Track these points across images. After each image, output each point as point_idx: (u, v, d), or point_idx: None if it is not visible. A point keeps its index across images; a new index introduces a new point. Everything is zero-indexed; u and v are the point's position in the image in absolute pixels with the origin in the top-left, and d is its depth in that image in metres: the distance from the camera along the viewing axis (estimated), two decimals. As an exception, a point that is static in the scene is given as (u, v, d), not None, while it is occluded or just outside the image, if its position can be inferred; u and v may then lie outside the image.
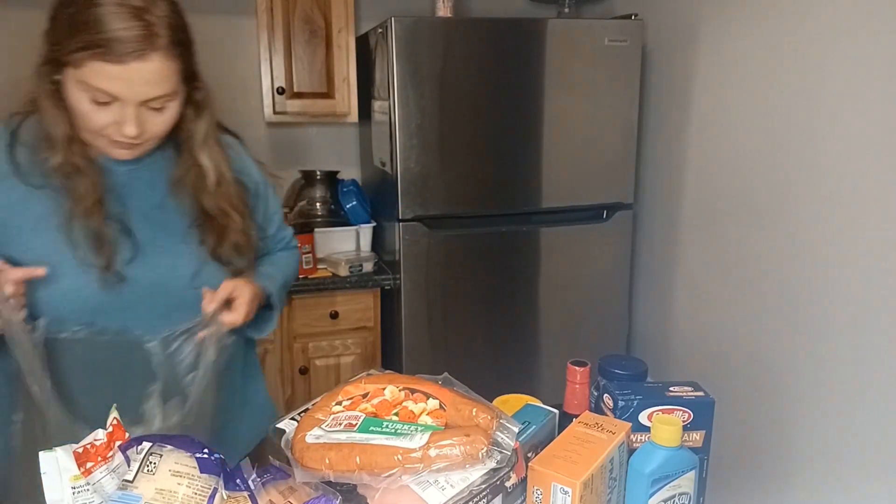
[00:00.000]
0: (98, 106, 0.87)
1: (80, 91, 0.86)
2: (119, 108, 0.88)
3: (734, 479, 1.89)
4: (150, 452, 0.71)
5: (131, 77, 0.85)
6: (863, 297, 1.52)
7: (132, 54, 0.84)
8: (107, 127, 0.89)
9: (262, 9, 2.12)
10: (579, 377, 0.91)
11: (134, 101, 0.87)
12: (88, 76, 0.84)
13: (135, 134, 0.89)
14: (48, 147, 0.92)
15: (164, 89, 0.89)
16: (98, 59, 0.83)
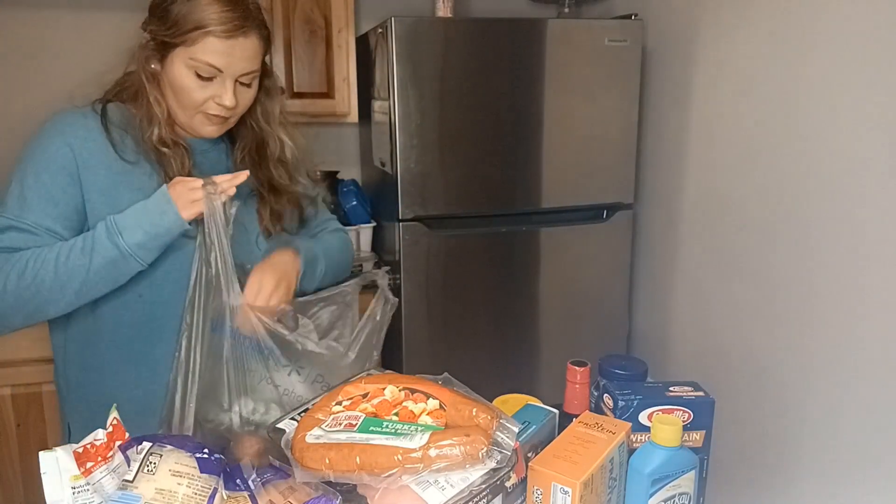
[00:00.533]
0: (201, 81, 1.03)
1: (188, 68, 1.02)
2: (219, 83, 1.04)
3: (734, 479, 1.89)
4: (150, 452, 0.71)
5: (234, 52, 1.02)
6: (863, 297, 1.52)
7: (237, 31, 1.01)
8: (206, 101, 1.05)
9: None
10: (579, 377, 0.91)
11: (233, 75, 1.04)
12: (199, 52, 1.00)
13: (232, 104, 1.05)
14: (148, 125, 1.06)
15: (256, 65, 1.06)
16: (212, 35, 1.00)
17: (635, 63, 2.13)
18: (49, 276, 0.97)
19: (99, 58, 1.07)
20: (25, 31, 2.20)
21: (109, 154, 1.05)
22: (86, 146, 1.04)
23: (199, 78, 1.03)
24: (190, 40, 1.00)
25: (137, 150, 1.07)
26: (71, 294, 0.99)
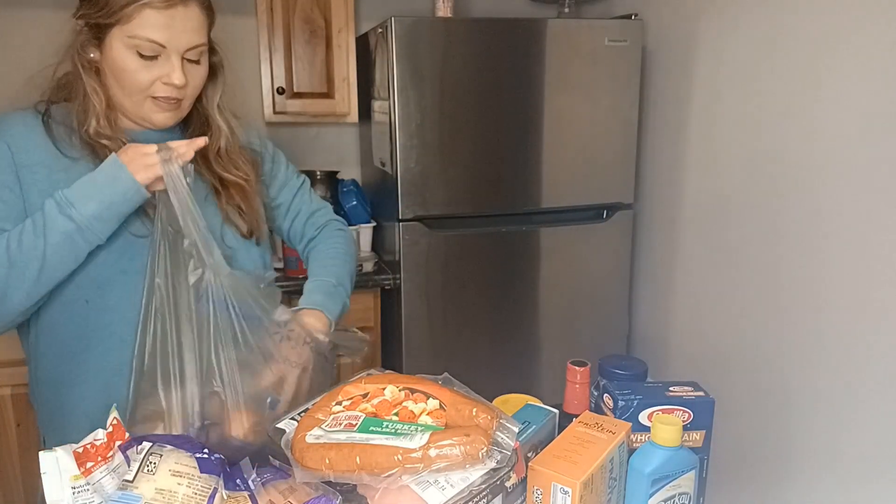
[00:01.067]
0: (145, 61, 0.96)
1: (128, 48, 0.95)
2: (164, 61, 0.97)
3: (734, 479, 1.89)
4: (150, 452, 0.71)
5: (175, 24, 0.95)
6: (863, 297, 1.52)
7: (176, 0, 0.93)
8: (153, 83, 0.97)
9: (262, 9, 2.12)
10: (579, 377, 0.91)
11: (178, 49, 0.96)
12: (137, 28, 0.93)
13: (181, 82, 0.97)
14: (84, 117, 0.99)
15: (201, 38, 0.99)
16: (148, 7, 0.92)
17: (635, 63, 2.13)
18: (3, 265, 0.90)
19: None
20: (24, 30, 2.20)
21: (50, 152, 0.98)
22: (24, 145, 0.98)
23: (141, 57, 0.95)
24: (125, 17, 0.93)
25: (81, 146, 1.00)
26: (30, 280, 0.91)
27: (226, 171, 1.10)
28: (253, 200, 1.12)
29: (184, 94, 1.01)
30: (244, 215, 1.10)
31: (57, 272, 0.93)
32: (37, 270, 0.91)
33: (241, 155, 1.13)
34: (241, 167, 1.12)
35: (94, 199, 0.91)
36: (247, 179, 1.12)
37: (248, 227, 1.10)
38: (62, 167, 0.98)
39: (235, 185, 1.10)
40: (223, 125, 1.11)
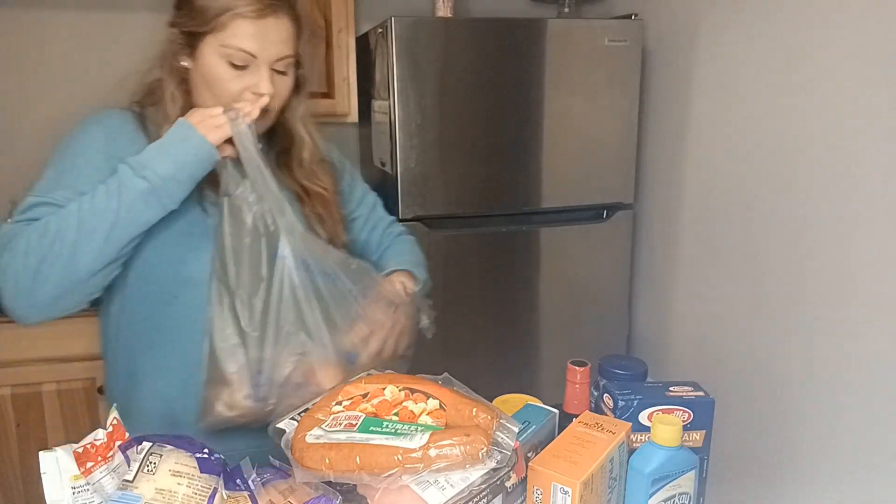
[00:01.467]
0: (235, 70, 0.98)
1: (220, 57, 0.97)
2: (254, 71, 0.98)
3: (734, 479, 1.89)
4: (150, 452, 0.71)
5: (266, 35, 0.97)
6: (863, 297, 1.52)
7: (267, 10, 0.96)
8: (242, 92, 0.99)
9: (262, 9, 2.12)
10: (579, 377, 0.91)
11: (267, 59, 0.98)
12: (230, 37, 0.96)
13: (270, 91, 0.99)
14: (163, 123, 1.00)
15: (290, 49, 1.01)
16: (240, 17, 0.95)
17: (635, 63, 2.12)
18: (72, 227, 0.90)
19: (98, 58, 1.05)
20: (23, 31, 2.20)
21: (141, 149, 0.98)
22: (119, 138, 1.01)
23: (232, 67, 0.98)
24: (219, 25, 0.95)
25: None
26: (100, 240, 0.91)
27: (308, 181, 1.13)
28: (333, 210, 1.15)
29: (270, 105, 1.02)
30: (324, 223, 1.13)
31: (127, 233, 0.93)
32: (107, 229, 0.91)
33: (322, 167, 1.16)
34: (322, 178, 1.15)
35: (168, 160, 0.92)
36: (328, 189, 1.15)
37: (328, 235, 1.12)
38: None
39: (317, 196, 1.13)
40: (306, 137, 1.13)
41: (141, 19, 2.26)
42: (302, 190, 1.12)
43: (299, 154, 1.13)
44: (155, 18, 1.06)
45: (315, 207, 1.12)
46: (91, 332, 1.87)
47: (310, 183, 1.13)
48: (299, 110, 1.13)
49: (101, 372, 1.88)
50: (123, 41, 2.27)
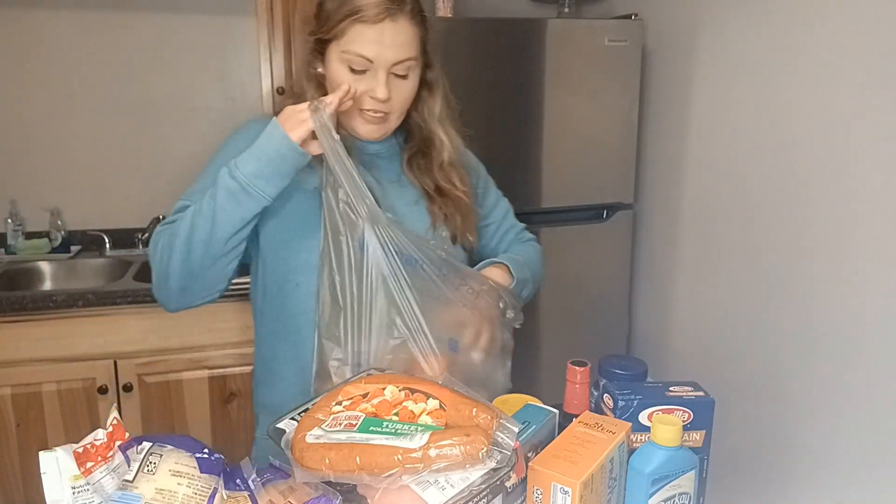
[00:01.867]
0: (354, 75, 1.01)
1: (341, 63, 1.01)
2: (372, 75, 1.01)
3: (735, 479, 1.89)
4: (150, 452, 0.71)
5: (383, 39, 0.98)
6: (863, 296, 1.52)
7: (384, 14, 0.97)
8: (362, 96, 1.02)
9: (262, 9, 2.12)
10: (579, 377, 0.91)
11: (385, 64, 1.00)
12: (349, 43, 0.99)
13: (385, 97, 1.01)
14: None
15: (409, 52, 1.02)
16: (358, 22, 0.98)
17: (635, 63, 2.12)
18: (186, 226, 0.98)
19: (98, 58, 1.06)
20: (23, 31, 2.20)
21: None
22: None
23: (352, 72, 1.01)
24: (340, 32, 0.99)
25: None
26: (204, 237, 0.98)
27: (445, 182, 1.14)
28: (467, 213, 1.15)
29: (390, 108, 1.04)
30: (449, 222, 1.13)
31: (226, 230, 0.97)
32: (209, 229, 0.97)
33: (457, 168, 1.16)
34: (457, 179, 1.15)
35: (253, 159, 0.96)
36: (462, 190, 1.15)
37: (454, 233, 1.14)
38: None
39: (453, 197, 1.14)
40: (445, 139, 1.14)
41: (141, 19, 2.26)
42: (435, 189, 1.13)
43: (439, 156, 1.14)
44: (155, 18, 1.06)
45: (444, 206, 1.13)
46: (91, 332, 1.87)
47: (445, 183, 1.14)
48: (436, 111, 1.14)
49: (101, 372, 1.89)
50: (123, 41, 2.27)
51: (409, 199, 1.13)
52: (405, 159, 1.14)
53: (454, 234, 1.14)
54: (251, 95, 2.40)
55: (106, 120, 2.32)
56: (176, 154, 2.40)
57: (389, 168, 1.14)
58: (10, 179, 2.28)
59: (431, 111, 1.14)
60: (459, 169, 1.16)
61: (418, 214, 1.12)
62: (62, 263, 2.23)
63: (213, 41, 2.35)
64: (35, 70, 2.23)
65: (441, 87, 1.15)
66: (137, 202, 2.38)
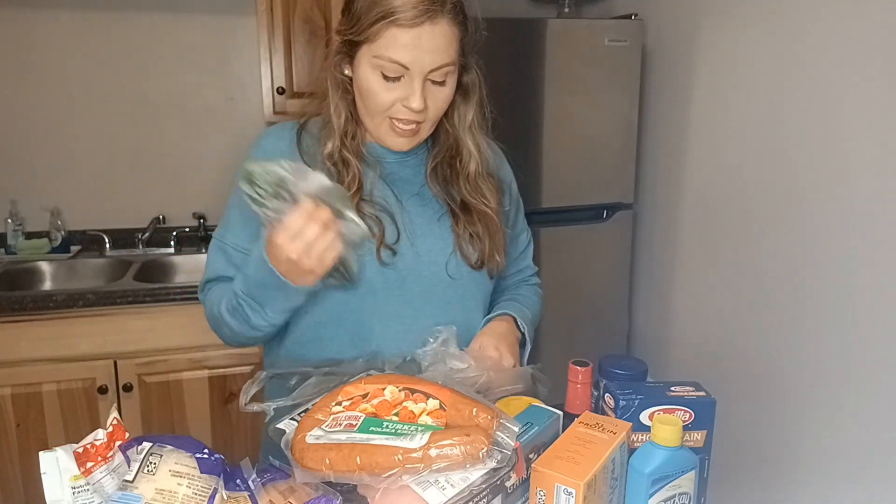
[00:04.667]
0: (387, 82, 0.92)
1: (372, 68, 0.92)
2: (406, 83, 0.92)
3: (735, 479, 1.89)
4: (151, 452, 0.71)
5: (420, 44, 0.89)
6: (863, 295, 1.52)
7: (423, 16, 0.88)
8: (393, 105, 0.94)
9: (262, 9, 2.12)
10: (581, 377, 0.90)
11: (421, 71, 0.91)
12: (382, 48, 0.90)
13: (420, 107, 0.93)
14: (326, 135, 1.00)
15: (448, 57, 0.93)
16: (394, 25, 0.88)
17: (635, 63, 2.12)
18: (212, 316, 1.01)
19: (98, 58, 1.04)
20: (23, 31, 2.20)
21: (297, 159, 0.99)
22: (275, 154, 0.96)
23: (385, 79, 0.92)
24: (373, 35, 0.90)
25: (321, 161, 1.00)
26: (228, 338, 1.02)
27: (471, 196, 1.05)
28: (495, 231, 1.06)
29: (424, 116, 0.96)
30: (477, 243, 1.04)
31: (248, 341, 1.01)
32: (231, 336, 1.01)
33: (488, 182, 1.07)
34: (487, 195, 1.06)
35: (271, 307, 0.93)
36: (492, 207, 1.06)
37: (480, 256, 1.05)
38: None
39: (480, 213, 1.05)
40: (474, 150, 1.05)
41: (141, 19, 2.26)
42: (460, 205, 1.04)
43: (466, 167, 1.05)
44: (156, 18, 1.05)
45: (474, 225, 1.04)
46: (91, 332, 1.87)
47: (472, 198, 1.04)
48: (468, 118, 1.05)
49: (101, 372, 1.89)
50: (123, 41, 2.27)
51: (430, 216, 1.04)
52: (429, 169, 1.06)
53: (481, 258, 1.05)
54: (251, 95, 2.40)
55: (106, 120, 2.32)
56: (176, 154, 2.40)
57: (412, 179, 1.06)
58: (10, 179, 2.28)
59: (463, 118, 1.05)
60: (489, 182, 1.07)
61: (440, 233, 1.03)
62: (62, 263, 2.23)
63: (213, 41, 2.35)
64: (35, 70, 2.23)
65: (478, 93, 1.07)
66: (137, 202, 2.38)
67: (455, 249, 1.03)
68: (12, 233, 2.25)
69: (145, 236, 2.35)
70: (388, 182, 1.03)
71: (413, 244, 1.01)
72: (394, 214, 1.01)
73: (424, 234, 1.02)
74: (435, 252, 1.03)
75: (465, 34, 0.98)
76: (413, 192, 1.05)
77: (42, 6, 2.20)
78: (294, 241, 0.82)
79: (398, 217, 1.01)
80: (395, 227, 1.00)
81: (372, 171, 1.02)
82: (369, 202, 1.00)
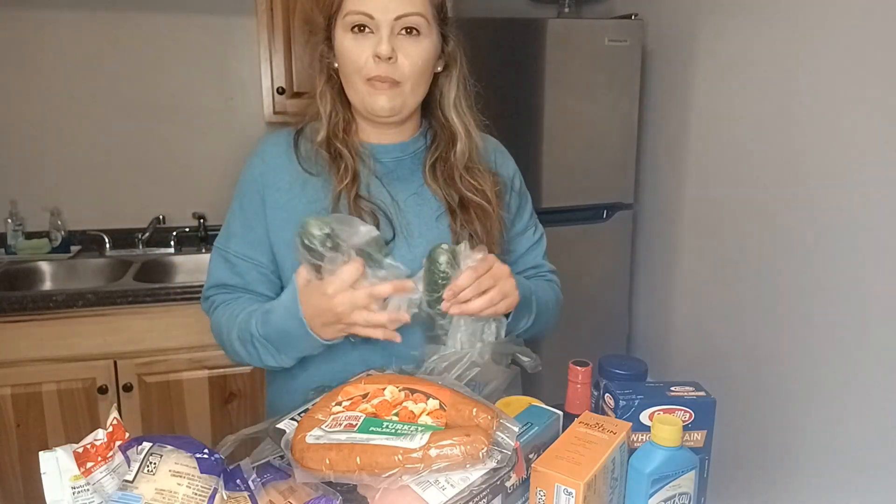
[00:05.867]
0: (358, 37, 0.93)
1: (344, 30, 0.94)
2: (376, 37, 0.92)
3: (735, 479, 1.89)
4: (151, 452, 0.71)
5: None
6: (863, 297, 1.52)
7: None
8: (367, 62, 0.92)
9: (262, 9, 2.12)
10: (581, 377, 0.90)
11: (386, 19, 0.91)
12: (350, 4, 0.92)
13: (386, 52, 0.90)
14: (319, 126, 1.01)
15: (414, 6, 0.91)
16: None
17: (635, 63, 2.12)
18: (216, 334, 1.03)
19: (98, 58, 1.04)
20: (23, 31, 2.20)
21: (293, 168, 1.01)
22: (272, 163, 1.02)
23: (354, 34, 0.92)
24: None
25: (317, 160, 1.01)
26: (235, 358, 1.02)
27: (465, 188, 1.02)
28: (492, 225, 1.03)
29: (399, 73, 0.93)
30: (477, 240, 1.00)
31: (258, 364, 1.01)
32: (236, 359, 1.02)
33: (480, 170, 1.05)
34: (481, 184, 1.03)
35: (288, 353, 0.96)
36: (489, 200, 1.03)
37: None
38: (300, 182, 1.01)
39: (476, 206, 1.02)
40: (460, 128, 1.03)
41: (141, 19, 2.26)
42: (457, 201, 1.02)
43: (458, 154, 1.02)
44: (155, 18, 1.05)
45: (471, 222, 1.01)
46: (91, 332, 1.87)
47: (466, 191, 1.02)
48: (451, 95, 1.02)
49: (101, 372, 1.89)
50: (123, 41, 2.27)
51: (429, 215, 1.03)
52: (428, 164, 1.04)
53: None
54: (251, 95, 2.40)
55: (106, 120, 2.32)
56: (176, 154, 2.40)
57: (410, 178, 1.04)
58: (10, 179, 2.28)
59: (446, 95, 1.02)
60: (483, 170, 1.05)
61: (438, 233, 1.02)
62: (62, 263, 2.23)
63: (213, 41, 2.35)
64: (35, 70, 2.23)
65: (458, 65, 1.02)
66: (137, 202, 2.38)
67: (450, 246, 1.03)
68: (12, 233, 2.25)
69: (145, 236, 2.35)
70: (384, 182, 1.03)
71: (409, 244, 1.01)
72: (389, 213, 1.01)
73: (422, 233, 1.02)
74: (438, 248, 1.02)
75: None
76: (411, 191, 1.04)
77: (43, 6, 2.20)
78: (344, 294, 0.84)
79: (394, 217, 1.01)
80: (390, 226, 1.00)
81: (366, 168, 1.02)
82: (365, 199, 1.00)
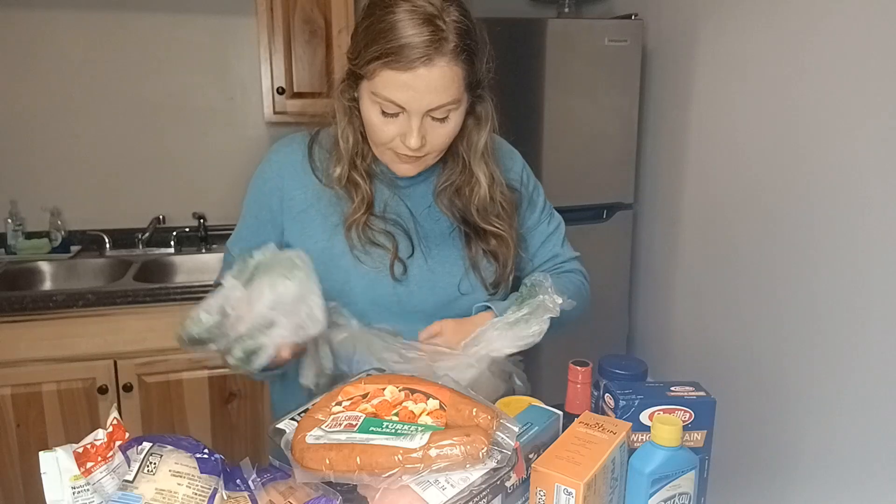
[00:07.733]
0: (386, 118, 0.92)
1: (372, 103, 0.92)
2: (405, 119, 0.91)
3: (735, 479, 1.89)
4: (151, 453, 0.71)
5: (417, 85, 0.87)
6: (863, 297, 1.52)
7: (419, 59, 0.86)
8: (393, 139, 0.93)
9: (262, 9, 2.12)
10: (581, 377, 0.90)
11: (418, 111, 0.90)
12: (379, 87, 0.89)
13: (416, 146, 0.92)
14: (336, 159, 1.01)
15: (448, 97, 0.91)
16: (388, 67, 0.87)
17: (635, 63, 2.13)
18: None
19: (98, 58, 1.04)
20: (23, 31, 2.20)
21: (307, 176, 1.03)
22: (289, 170, 1.03)
23: (384, 115, 0.92)
24: (370, 72, 0.89)
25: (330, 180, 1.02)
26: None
27: (483, 223, 1.04)
28: (508, 251, 1.05)
29: (427, 149, 0.95)
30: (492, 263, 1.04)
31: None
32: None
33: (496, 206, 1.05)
34: (500, 216, 1.05)
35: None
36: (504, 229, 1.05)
37: (496, 277, 1.05)
38: (316, 191, 1.02)
39: (494, 235, 1.04)
40: (483, 177, 1.03)
41: (141, 19, 2.26)
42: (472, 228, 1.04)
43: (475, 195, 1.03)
44: (156, 18, 1.05)
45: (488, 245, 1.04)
46: (91, 332, 1.87)
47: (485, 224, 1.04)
48: (479, 146, 1.03)
49: (101, 372, 1.89)
50: (124, 41, 2.27)
51: (442, 230, 1.05)
52: (436, 188, 1.05)
53: (497, 279, 1.05)
54: (251, 95, 2.40)
55: (106, 120, 2.32)
56: (176, 154, 2.40)
57: (424, 192, 1.06)
58: (10, 179, 2.28)
59: (475, 146, 1.03)
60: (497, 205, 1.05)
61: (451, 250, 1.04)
62: (62, 263, 2.23)
63: (213, 41, 2.35)
64: (35, 70, 2.23)
65: (490, 121, 1.03)
66: (137, 202, 2.38)
67: (468, 269, 1.04)
68: (12, 233, 2.25)
69: (145, 236, 2.35)
70: (402, 197, 1.05)
71: (426, 260, 1.02)
72: (408, 230, 1.02)
73: (439, 244, 1.04)
74: (448, 266, 1.04)
75: (471, 70, 0.95)
76: (426, 204, 1.06)
77: (43, 6, 2.20)
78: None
79: (413, 232, 1.02)
80: (409, 242, 1.02)
81: (387, 188, 1.04)
82: (381, 218, 1.02)
